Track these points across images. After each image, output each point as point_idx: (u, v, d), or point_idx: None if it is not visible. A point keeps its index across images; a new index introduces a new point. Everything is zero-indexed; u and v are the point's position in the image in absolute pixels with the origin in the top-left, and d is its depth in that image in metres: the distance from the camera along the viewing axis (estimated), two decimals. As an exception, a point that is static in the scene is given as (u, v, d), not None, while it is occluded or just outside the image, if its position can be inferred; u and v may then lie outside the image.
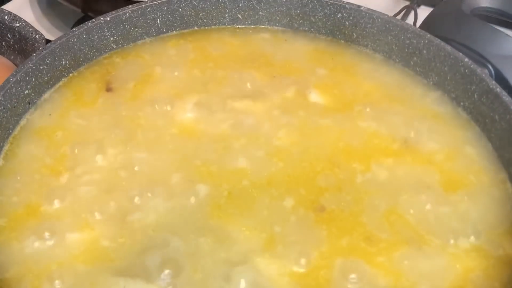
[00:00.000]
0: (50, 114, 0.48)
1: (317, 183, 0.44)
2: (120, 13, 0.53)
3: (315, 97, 0.51)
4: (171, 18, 0.56)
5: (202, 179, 0.44)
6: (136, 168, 0.45)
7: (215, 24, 0.58)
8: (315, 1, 0.56)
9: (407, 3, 0.80)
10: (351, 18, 0.56)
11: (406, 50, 0.54)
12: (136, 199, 0.42)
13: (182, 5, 0.56)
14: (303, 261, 0.39)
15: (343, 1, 0.56)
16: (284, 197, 0.43)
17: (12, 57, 0.65)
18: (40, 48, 0.52)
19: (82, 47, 0.52)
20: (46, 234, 0.40)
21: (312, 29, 0.58)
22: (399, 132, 0.49)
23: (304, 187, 0.44)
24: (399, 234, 0.41)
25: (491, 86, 0.48)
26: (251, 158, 0.46)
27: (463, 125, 0.50)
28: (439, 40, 0.52)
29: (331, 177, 0.45)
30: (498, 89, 0.48)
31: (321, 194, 0.43)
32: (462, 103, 0.51)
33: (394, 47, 0.55)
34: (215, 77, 0.52)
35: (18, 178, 0.44)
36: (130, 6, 0.54)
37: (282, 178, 0.44)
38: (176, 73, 0.53)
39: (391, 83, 0.53)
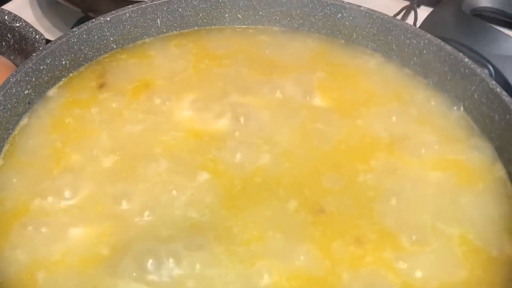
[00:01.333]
0: (50, 114, 0.48)
1: (321, 185, 0.44)
2: (120, 13, 0.53)
3: (315, 97, 0.51)
4: (171, 18, 0.56)
5: (210, 175, 0.44)
6: (142, 167, 0.45)
7: (215, 24, 0.58)
8: (315, 1, 0.56)
9: (407, 3, 0.81)
10: (351, 18, 0.56)
11: (406, 50, 0.54)
12: (141, 198, 0.43)
13: (182, 5, 0.56)
14: (292, 260, 0.40)
15: (343, 1, 0.56)
16: (289, 199, 0.43)
17: (12, 57, 0.65)
18: (40, 48, 0.52)
19: (82, 47, 0.52)
20: (47, 233, 0.40)
21: (312, 29, 0.58)
22: (399, 132, 0.49)
23: (309, 188, 0.44)
24: (397, 235, 0.41)
25: (491, 86, 0.48)
26: (257, 157, 0.46)
27: (463, 125, 0.50)
28: (439, 40, 0.52)
29: (334, 179, 0.45)
30: (498, 89, 0.48)
31: (324, 196, 0.43)
32: (462, 103, 0.51)
33: (394, 47, 0.55)
34: (215, 77, 0.52)
35: (18, 177, 0.44)
36: (130, 6, 0.54)
37: (289, 179, 0.44)
38: (175, 73, 0.53)
39: (391, 84, 0.53)
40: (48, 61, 0.49)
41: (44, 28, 0.79)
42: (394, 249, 0.41)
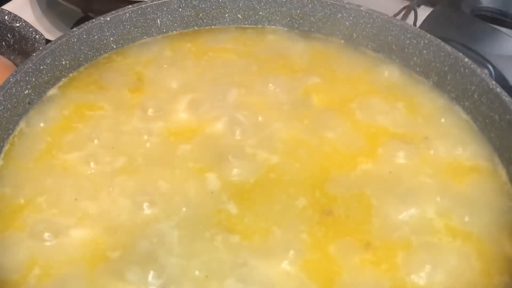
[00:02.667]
0: (50, 115, 0.48)
1: (329, 186, 0.44)
2: (120, 13, 0.53)
3: (315, 96, 0.51)
4: (171, 18, 0.56)
5: (216, 174, 0.44)
6: (143, 166, 0.45)
7: (215, 24, 0.58)
8: (315, 1, 0.56)
9: (407, 3, 0.81)
10: (351, 18, 0.56)
11: (406, 50, 0.54)
12: (143, 197, 0.43)
13: (182, 5, 0.56)
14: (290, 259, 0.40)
15: (343, 1, 0.56)
16: (298, 197, 0.43)
17: (12, 57, 0.65)
18: (40, 48, 0.52)
19: (82, 47, 0.52)
20: (47, 233, 0.40)
21: (312, 29, 0.58)
22: (399, 132, 0.49)
23: (319, 190, 0.44)
24: (399, 237, 0.42)
25: (491, 86, 0.48)
26: (263, 156, 0.46)
27: (463, 125, 0.50)
28: (439, 40, 0.52)
29: (337, 179, 0.45)
30: (498, 89, 0.48)
31: (334, 200, 0.43)
32: (462, 103, 0.51)
33: (394, 47, 0.55)
34: (214, 77, 0.52)
35: (18, 177, 0.44)
36: (130, 6, 0.54)
37: (299, 179, 0.44)
38: (176, 72, 0.53)
39: (391, 84, 0.53)
40: (48, 61, 0.49)
41: (44, 28, 0.79)
42: (401, 249, 0.41)
